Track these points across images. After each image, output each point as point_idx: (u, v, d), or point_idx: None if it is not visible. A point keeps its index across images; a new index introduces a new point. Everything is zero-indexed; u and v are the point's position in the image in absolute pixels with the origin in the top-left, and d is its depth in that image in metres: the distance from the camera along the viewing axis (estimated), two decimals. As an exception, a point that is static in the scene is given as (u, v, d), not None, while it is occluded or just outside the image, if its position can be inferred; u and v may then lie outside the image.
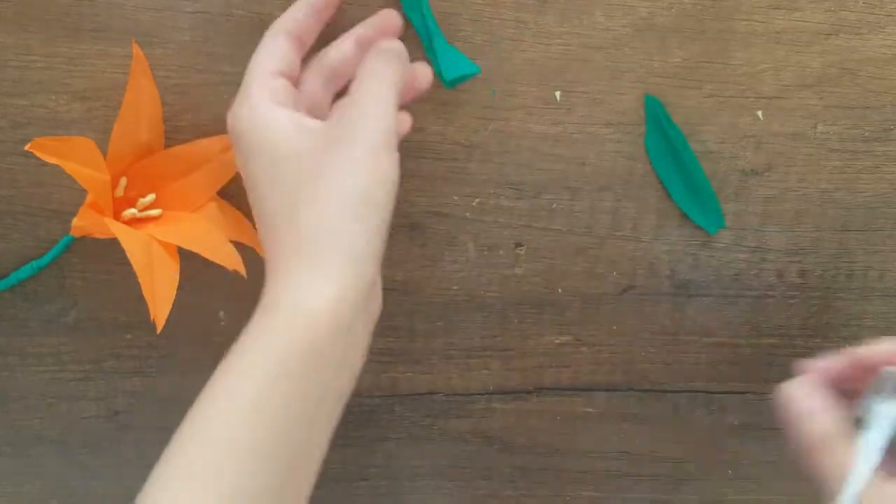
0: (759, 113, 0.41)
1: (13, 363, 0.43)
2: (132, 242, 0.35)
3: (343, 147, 0.31)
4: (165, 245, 0.37)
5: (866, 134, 0.42)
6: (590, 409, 0.46)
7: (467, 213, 0.42)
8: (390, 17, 0.36)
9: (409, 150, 0.40)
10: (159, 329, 0.35)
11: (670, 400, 0.46)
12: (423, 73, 0.37)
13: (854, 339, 0.45)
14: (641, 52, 0.40)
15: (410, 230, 0.42)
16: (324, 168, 0.31)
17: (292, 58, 0.34)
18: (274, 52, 0.34)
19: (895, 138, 0.42)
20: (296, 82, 0.35)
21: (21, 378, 0.43)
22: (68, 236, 0.40)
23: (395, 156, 0.32)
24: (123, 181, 0.38)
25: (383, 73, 0.33)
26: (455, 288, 0.43)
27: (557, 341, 0.44)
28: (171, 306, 0.36)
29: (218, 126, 0.40)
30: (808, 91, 0.41)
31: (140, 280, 0.35)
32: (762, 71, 0.40)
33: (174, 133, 0.40)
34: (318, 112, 0.35)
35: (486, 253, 0.42)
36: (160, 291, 0.35)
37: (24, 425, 0.44)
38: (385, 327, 0.44)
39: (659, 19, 0.39)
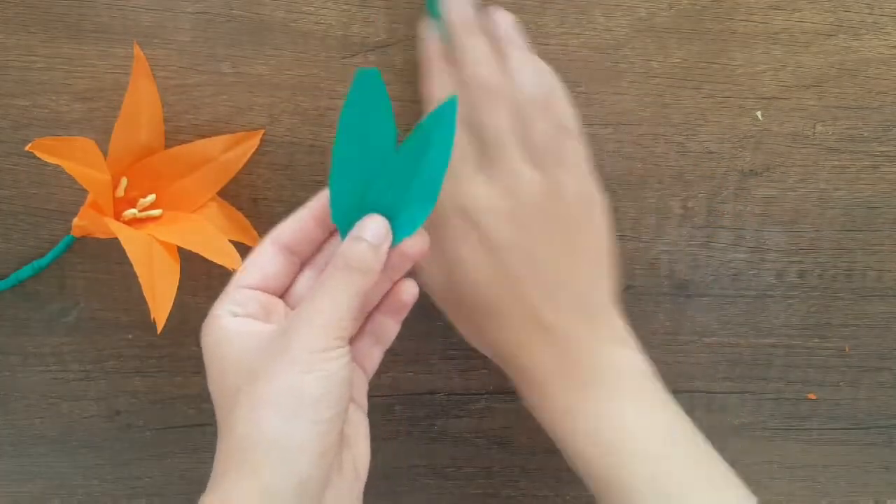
0: (758, 113, 0.41)
1: (14, 363, 0.43)
2: (132, 242, 0.35)
3: (281, 348, 0.30)
4: (165, 245, 0.37)
5: (865, 134, 0.42)
6: (590, 409, 0.46)
7: (467, 214, 0.42)
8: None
9: (409, 150, 0.40)
10: (159, 329, 0.35)
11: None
12: (408, 291, 0.36)
13: (853, 339, 0.45)
14: (641, 53, 0.40)
15: (410, 230, 0.42)
16: (261, 371, 0.30)
17: (277, 269, 0.34)
18: (254, 262, 0.34)
19: (894, 138, 0.42)
20: (282, 292, 0.34)
21: (22, 378, 0.43)
22: (69, 236, 0.40)
23: (339, 352, 0.30)
24: (124, 181, 0.38)
25: (337, 278, 0.31)
26: (455, 288, 0.43)
27: (557, 341, 0.44)
28: (171, 306, 0.35)
29: (218, 126, 0.40)
30: (807, 91, 0.41)
31: (140, 280, 0.35)
32: (761, 71, 0.40)
33: (174, 133, 0.40)
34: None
35: (485, 253, 0.42)
36: (160, 291, 0.35)
37: (25, 425, 0.44)
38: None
39: (658, 20, 0.39)
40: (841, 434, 0.47)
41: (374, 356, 0.37)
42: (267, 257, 0.34)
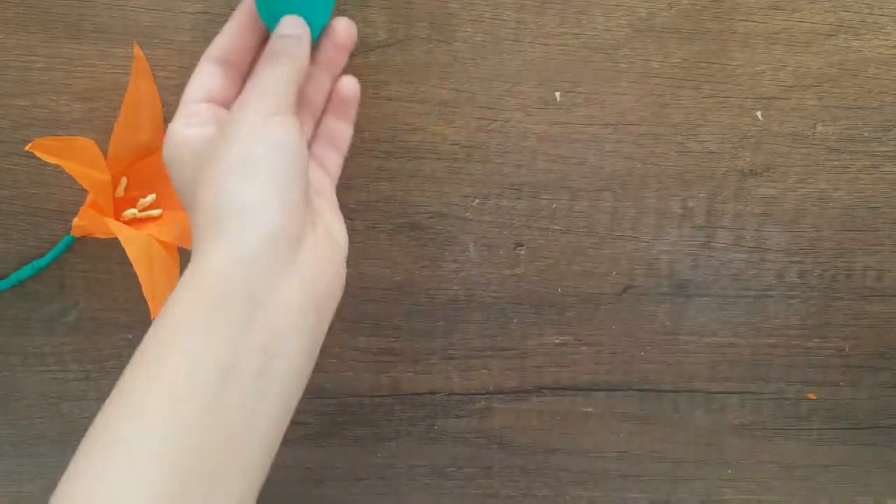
0: (758, 113, 0.41)
1: (14, 363, 0.43)
2: (132, 243, 0.35)
3: (229, 126, 0.32)
4: (165, 245, 0.37)
5: (865, 134, 0.42)
6: (590, 409, 0.46)
7: (467, 213, 0.42)
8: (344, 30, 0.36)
9: (409, 150, 0.40)
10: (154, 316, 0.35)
11: (670, 400, 0.46)
12: (348, 86, 0.37)
13: (853, 339, 0.45)
14: (641, 53, 0.40)
15: (410, 230, 0.42)
16: (214, 151, 0.32)
17: (220, 83, 0.35)
18: (196, 80, 0.35)
19: (894, 138, 0.42)
20: (230, 103, 0.35)
21: (22, 378, 0.43)
22: (69, 236, 0.40)
23: (281, 119, 0.32)
24: (124, 181, 0.38)
25: (268, 62, 0.34)
26: (455, 288, 0.43)
27: (557, 341, 0.45)
28: None
29: (218, 126, 0.40)
30: (807, 91, 0.41)
31: (140, 280, 0.35)
32: (761, 71, 0.40)
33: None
34: None
35: (486, 253, 0.43)
36: (160, 290, 0.36)
37: (25, 425, 0.44)
38: (385, 327, 0.44)
39: (658, 20, 0.39)
40: (841, 434, 0.47)
41: (332, 159, 0.37)
42: (207, 72, 0.35)
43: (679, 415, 0.46)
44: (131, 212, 0.38)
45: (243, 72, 0.36)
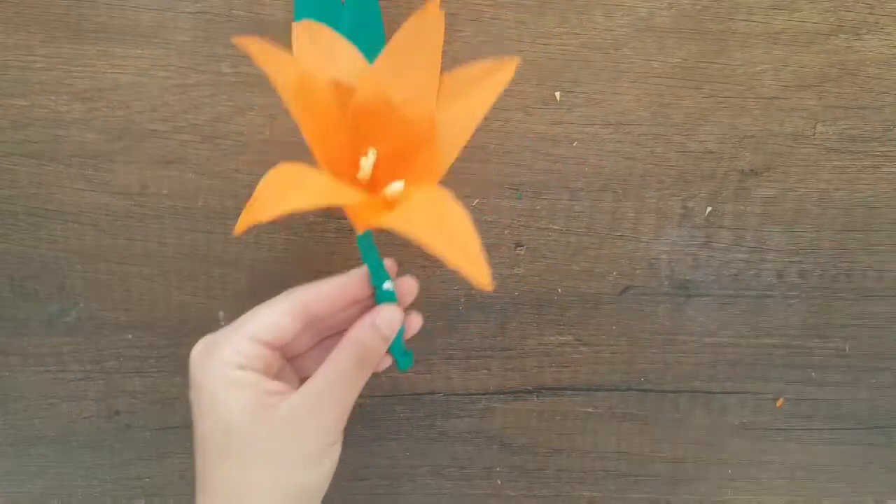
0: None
1: (14, 363, 0.43)
2: (421, 224, 0.27)
3: (293, 440, 0.31)
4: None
5: (865, 134, 0.42)
6: (590, 409, 0.46)
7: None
8: (411, 286, 0.36)
9: (409, 150, 0.40)
10: (491, 285, 0.25)
11: (670, 400, 0.46)
12: (415, 321, 0.37)
13: (853, 339, 0.45)
14: (641, 53, 0.40)
15: (410, 230, 0.42)
16: (271, 456, 0.31)
17: (289, 330, 0.33)
18: (269, 319, 0.33)
19: (894, 138, 0.42)
20: (287, 352, 0.35)
21: (22, 378, 0.43)
22: (359, 237, 0.34)
23: (338, 445, 0.33)
24: (371, 156, 0.30)
25: (349, 369, 0.32)
26: (455, 288, 0.43)
27: (557, 341, 0.45)
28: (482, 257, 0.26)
29: (219, 126, 0.40)
30: (807, 91, 0.41)
31: (442, 252, 0.26)
32: (761, 71, 0.40)
33: (174, 133, 0.40)
34: (300, 365, 0.36)
35: (486, 253, 0.42)
36: (469, 249, 0.26)
37: (25, 425, 0.44)
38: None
39: (658, 20, 0.39)
40: (841, 434, 0.47)
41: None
42: (288, 319, 0.33)
43: (679, 415, 0.46)
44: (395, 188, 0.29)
45: (318, 330, 0.35)
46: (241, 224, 0.25)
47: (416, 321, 0.37)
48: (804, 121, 0.41)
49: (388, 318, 0.33)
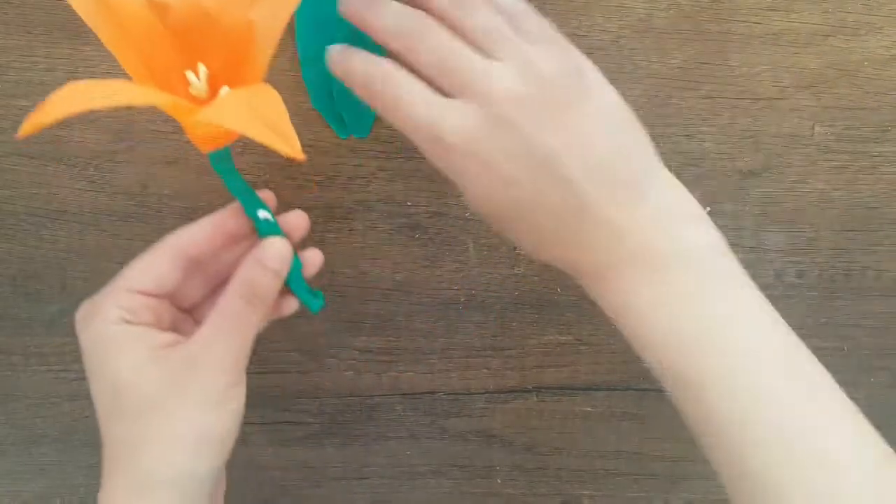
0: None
1: (16, 362, 0.43)
2: (233, 112, 0.27)
3: (187, 385, 0.30)
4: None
5: (864, 135, 0.42)
6: (589, 409, 0.46)
7: (467, 213, 0.42)
8: (299, 220, 0.34)
9: (410, 150, 0.41)
10: (301, 154, 0.26)
11: (669, 399, 0.46)
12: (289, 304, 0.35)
13: (852, 338, 0.45)
14: (640, 54, 0.40)
15: (410, 230, 0.42)
16: (166, 405, 0.30)
17: (169, 277, 0.32)
18: (148, 267, 0.32)
19: (893, 139, 0.42)
20: (180, 301, 0.34)
21: (24, 377, 0.44)
22: (213, 161, 0.33)
23: (241, 388, 0.31)
24: (202, 70, 0.30)
25: (239, 310, 0.31)
26: (455, 288, 0.43)
27: (557, 341, 0.45)
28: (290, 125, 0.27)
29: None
30: (805, 92, 0.41)
31: (258, 136, 0.26)
32: (760, 72, 0.40)
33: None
34: (199, 316, 0.35)
35: (486, 253, 0.43)
36: (278, 126, 0.27)
37: (26, 424, 0.45)
38: (385, 327, 0.44)
39: (657, 21, 0.40)
40: (840, 433, 0.47)
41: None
42: (165, 265, 0.32)
43: (678, 414, 0.46)
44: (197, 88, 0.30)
45: (206, 275, 0.34)
46: (27, 126, 0.25)
47: (314, 257, 0.35)
48: (803, 121, 0.41)
49: (272, 251, 0.32)
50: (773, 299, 0.44)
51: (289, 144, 0.26)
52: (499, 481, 0.47)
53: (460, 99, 0.31)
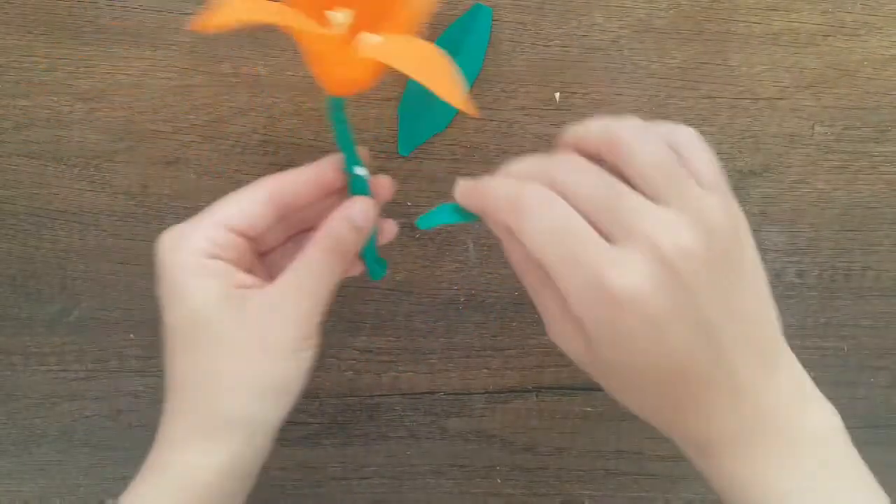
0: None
1: (16, 362, 0.43)
2: (405, 54, 0.27)
3: (265, 331, 0.30)
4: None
5: (864, 135, 0.42)
6: (589, 409, 0.46)
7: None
8: (386, 184, 0.35)
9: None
10: (475, 112, 0.27)
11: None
12: (389, 229, 0.36)
13: (852, 338, 0.45)
14: (640, 54, 0.40)
15: (411, 230, 0.42)
16: (244, 347, 0.30)
17: (262, 219, 0.32)
18: (241, 205, 0.32)
19: (892, 139, 0.42)
20: (259, 246, 0.34)
21: (24, 377, 0.44)
22: (331, 108, 0.32)
23: (312, 342, 0.32)
24: (345, 12, 0.29)
25: (323, 262, 0.31)
26: (455, 288, 0.43)
27: (557, 341, 0.45)
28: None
29: (219, 127, 0.40)
30: (805, 92, 0.41)
31: (430, 82, 0.26)
32: (760, 72, 0.40)
33: (174, 133, 0.40)
34: (270, 261, 0.35)
35: (486, 253, 0.43)
36: (447, 76, 0.26)
37: (26, 424, 0.45)
38: (385, 327, 0.44)
39: (657, 21, 0.40)
40: (840, 433, 0.47)
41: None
42: (260, 207, 0.32)
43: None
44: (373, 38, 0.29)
45: (288, 224, 0.34)
46: (206, 22, 0.25)
47: (390, 227, 0.35)
48: (802, 121, 0.41)
49: (360, 209, 0.32)
50: (773, 299, 0.44)
51: (461, 97, 0.25)
52: (499, 481, 0.47)
53: (622, 245, 0.27)
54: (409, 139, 0.40)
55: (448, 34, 0.39)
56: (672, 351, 0.28)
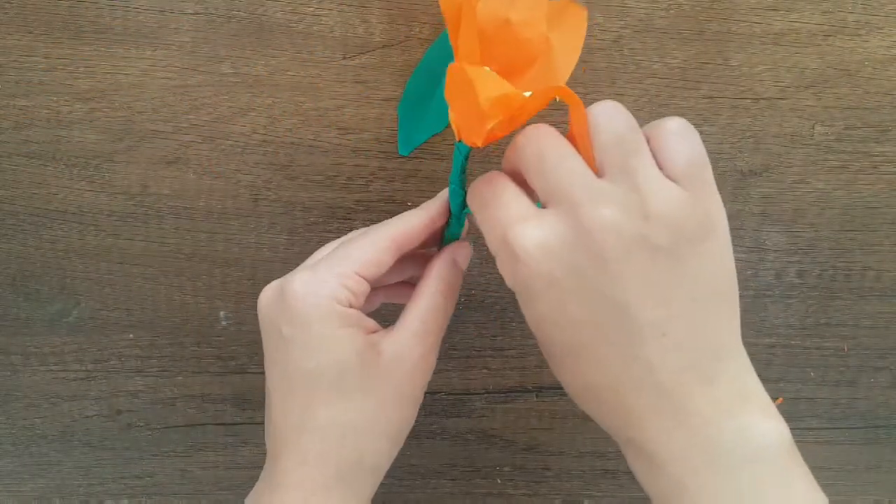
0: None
1: (16, 362, 0.43)
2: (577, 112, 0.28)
3: (396, 379, 0.31)
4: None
5: (864, 134, 0.42)
6: (589, 409, 0.46)
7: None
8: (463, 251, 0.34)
9: (409, 150, 0.41)
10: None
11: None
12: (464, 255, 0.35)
13: (852, 338, 0.45)
14: (640, 54, 0.40)
15: (410, 230, 0.42)
16: (382, 399, 0.31)
17: (385, 268, 0.32)
18: (372, 255, 0.31)
19: (893, 139, 0.42)
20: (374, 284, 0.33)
21: (24, 377, 0.44)
22: (463, 154, 0.32)
23: (425, 388, 0.33)
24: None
25: (440, 307, 0.32)
26: (455, 288, 0.43)
27: (557, 341, 0.45)
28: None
29: (219, 127, 0.40)
30: (806, 92, 0.41)
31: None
32: (760, 72, 0.40)
33: (174, 133, 0.40)
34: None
35: (486, 253, 0.43)
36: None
37: (26, 424, 0.45)
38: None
39: (657, 21, 0.40)
40: (840, 434, 0.47)
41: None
42: (385, 257, 0.32)
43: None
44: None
45: (402, 264, 0.35)
46: (481, 137, 0.28)
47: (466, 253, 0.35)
48: (803, 121, 0.41)
49: (465, 254, 0.34)
50: (773, 299, 0.44)
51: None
52: (499, 481, 0.47)
53: (549, 207, 0.28)
54: (409, 139, 0.40)
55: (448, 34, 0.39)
56: (576, 323, 0.27)
